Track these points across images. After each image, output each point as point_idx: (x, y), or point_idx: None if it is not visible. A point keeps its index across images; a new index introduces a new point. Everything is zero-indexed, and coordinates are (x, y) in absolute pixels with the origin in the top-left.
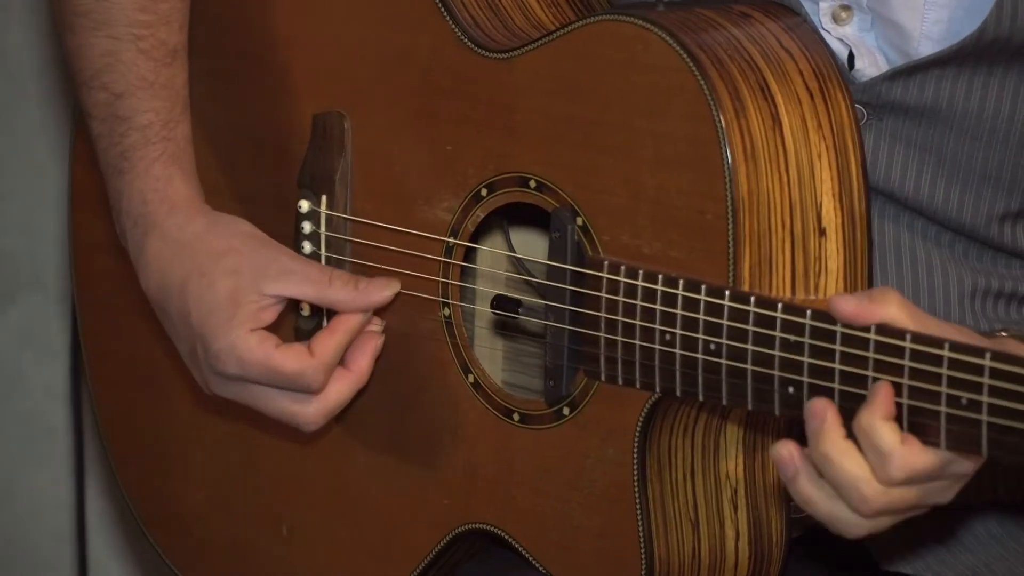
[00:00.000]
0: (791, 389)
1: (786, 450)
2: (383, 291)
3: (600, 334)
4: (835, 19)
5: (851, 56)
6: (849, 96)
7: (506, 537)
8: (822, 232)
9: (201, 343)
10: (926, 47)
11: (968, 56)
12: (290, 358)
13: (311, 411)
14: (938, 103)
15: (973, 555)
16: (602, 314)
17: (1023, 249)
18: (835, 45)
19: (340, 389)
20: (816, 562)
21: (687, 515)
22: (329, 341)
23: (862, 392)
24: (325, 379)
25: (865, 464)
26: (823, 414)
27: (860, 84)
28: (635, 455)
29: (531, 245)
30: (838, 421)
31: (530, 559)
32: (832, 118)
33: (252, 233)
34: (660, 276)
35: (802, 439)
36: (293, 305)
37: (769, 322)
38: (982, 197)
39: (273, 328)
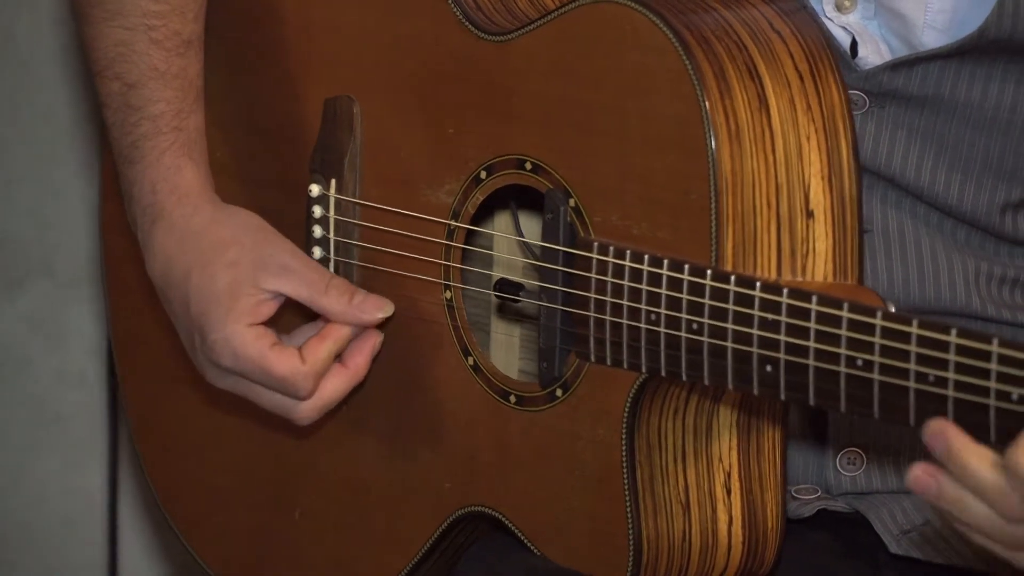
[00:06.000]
0: (768, 368)
1: (921, 470)
2: (375, 312)
3: (590, 314)
4: (838, 7)
5: (854, 44)
6: (841, 79)
7: (503, 520)
8: (809, 214)
9: (199, 333)
10: (930, 36)
11: (970, 51)
12: (282, 361)
13: (304, 407)
14: (940, 93)
15: None
16: (591, 295)
17: None
18: (838, 33)
19: (335, 386)
20: (818, 545)
21: (677, 498)
22: (319, 349)
23: (836, 369)
24: (314, 386)
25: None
26: (943, 431)
27: (862, 72)
28: (624, 436)
29: (539, 228)
30: (958, 431)
31: (525, 542)
32: (822, 100)
33: (259, 226)
34: (646, 256)
35: (815, 425)
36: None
37: (748, 301)
38: (983, 186)
39: (279, 316)
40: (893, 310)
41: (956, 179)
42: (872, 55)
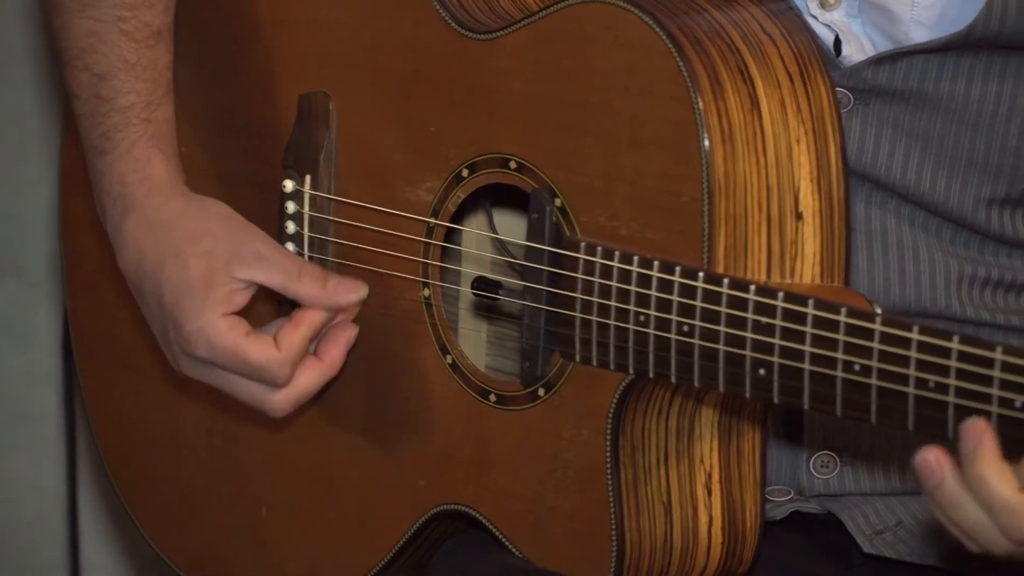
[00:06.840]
0: (762, 371)
1: (933, 456)
2: (350, 295)
3: (576, 315)
4: (823, 5)
5: (838, 42)
6: (830, 81)
7: (480, 518)
8: (799, 216)
9: (172, 324)
10: (917, 32)
11: (955, 47)
12: (258, 349)
13: (278, 399)
14: (924, 88)
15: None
16: (578, 295)
17: (1009, 236)
18: (822, 31)
19: (309, 378)
20: (791, 546)
21: (660, 499)
22: (294, 335)
23: (831, 373)
24: (291, 373)
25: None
26: (980, 435)
27: (846, 69)
28: (608, 437)
29: (515, 227)
30: (994, 442)
31: (503, 540)
32: (812, 103)
33: (229, 215)
34: (635, 258)
35: (789, 427)
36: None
37: (741, 304)
38: (968, 183)
39: (251, 306)
40: (879, 311)
41: (941, 176)
42: (856, 53)
